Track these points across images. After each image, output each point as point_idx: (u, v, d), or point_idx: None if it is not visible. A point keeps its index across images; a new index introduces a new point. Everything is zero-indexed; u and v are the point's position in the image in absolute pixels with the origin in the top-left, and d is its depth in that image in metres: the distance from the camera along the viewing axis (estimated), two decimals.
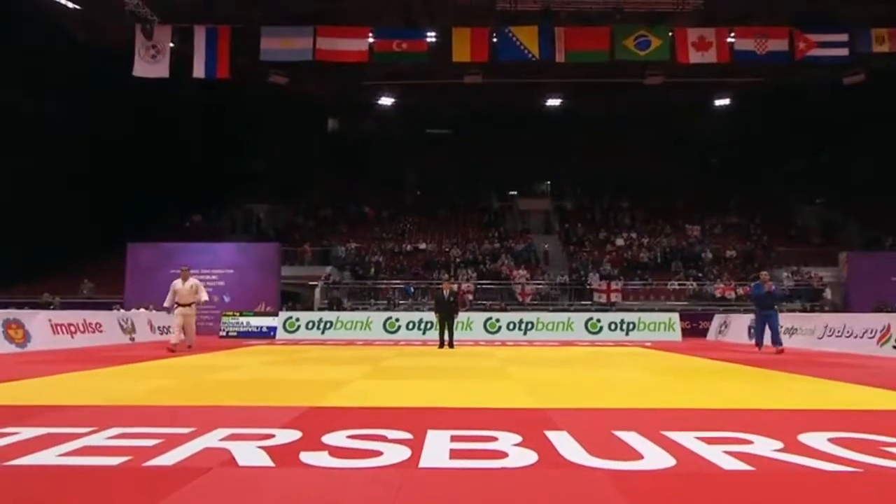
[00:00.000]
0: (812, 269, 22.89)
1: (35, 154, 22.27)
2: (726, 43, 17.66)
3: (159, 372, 7.29)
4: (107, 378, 6.57)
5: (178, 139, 26.89)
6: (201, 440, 3.27)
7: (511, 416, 4.13)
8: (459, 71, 20.85)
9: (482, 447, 3.17)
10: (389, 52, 17.61)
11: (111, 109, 22.86)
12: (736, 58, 17.86)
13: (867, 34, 17.61)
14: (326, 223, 28.53)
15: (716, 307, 20.26)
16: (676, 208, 29.27)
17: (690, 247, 25.26)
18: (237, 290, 19.28)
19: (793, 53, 17.64)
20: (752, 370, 7.85)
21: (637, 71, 21.97)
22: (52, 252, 22.65)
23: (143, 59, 17.19)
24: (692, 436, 3.42)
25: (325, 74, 22.57)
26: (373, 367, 8.08)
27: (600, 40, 17.47)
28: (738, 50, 17.77)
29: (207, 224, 28.31)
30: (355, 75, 23.16)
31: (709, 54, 17.60)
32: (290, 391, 5.59)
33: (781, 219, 28.11)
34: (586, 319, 17.53)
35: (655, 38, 17.62)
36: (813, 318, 13.69)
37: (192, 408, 4.53)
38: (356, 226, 28.22)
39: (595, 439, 3.36)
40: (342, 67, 19.52)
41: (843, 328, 11.92)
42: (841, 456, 3.02)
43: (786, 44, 17.60)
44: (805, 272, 22.60)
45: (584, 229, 27.44)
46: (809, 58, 17.74)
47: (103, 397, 4.96)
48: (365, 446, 3.16)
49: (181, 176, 26.80)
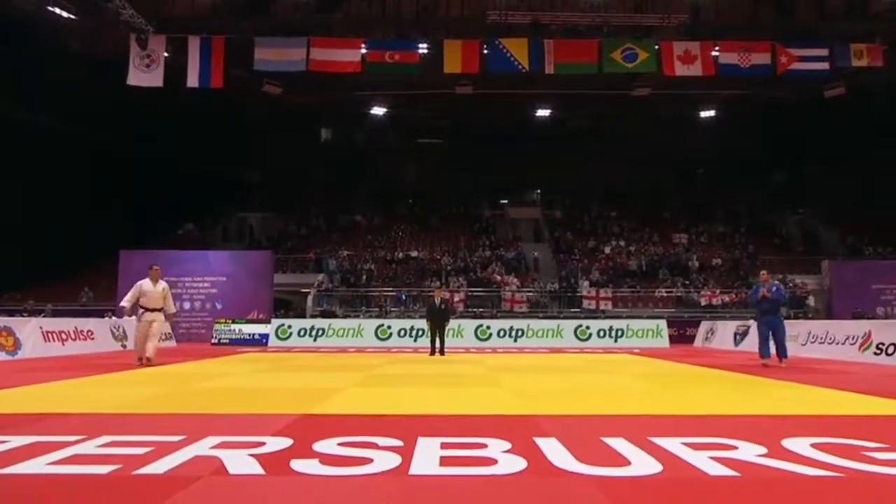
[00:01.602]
0: (796, 276, 23.11)
1: (34, 164, 22.11)
2: (711, 56, 17.92)
3: (150, 379, 7.22)
4: (97, 386, 6.50)
5: (173, 149, 26.79)
6: (192, 448, 3.24)
7: (501, 423, 4.13)
8: (451, 82, 20.98)
9: (472, 454, 3.16)
10: (382, 62, 17.69)
11: (107, 120, 22.77)
12: (720, 71, 18.12)
13: (846, 49, 17.94)
14: (319, 232, 28.48)
15: (702, 314, 20.38)
16: (663, 217, 29.50)
17: (677, 255, 25.44)
18: (229, 297, 19.17)
19: (775, 67, 17.93)
20: (738, 376, 7.89)
21: (625, 83, 22.22)
22: (54, 261, 22.47)
23: (138, 68, 17.16)
24: (679, 441, 3.43)
25: (318, 85, 22.63)
26: (364, 374, 8.03)
27: (589, 53, 17.66)
28: (723, 63, 18.04)
29: (200, 232, 28.19)
30: (348, 86, 23.23)
31: (694, 67, 17.84)
32: (281, 399, 5.56)
33: (766, 228, 28.41)
34: (576, 326, 17.56)
35: (642, 51, 17.84)
36: (797, 324, 13.81)
37: (183, 415, 4.49)
38: (348, 234, 28.18)
39: (583, 446, 3.36)
40: (335, 78, 19.58)
41: (825, 335, 12.03)
42: (824, 461, 3.04)
43: (768, 57, 17.89)
44: (789, 280, 22.82)
45: (573, 237, 27.59)
46: (791, 71, 18.04)
47: (93, 405, 4.90)
48: (356, 454, 3.15)
49: (175, 185, 26.69)
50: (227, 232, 29.23)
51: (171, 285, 10.79)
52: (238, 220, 29.78)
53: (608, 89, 22.86)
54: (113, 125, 23.49)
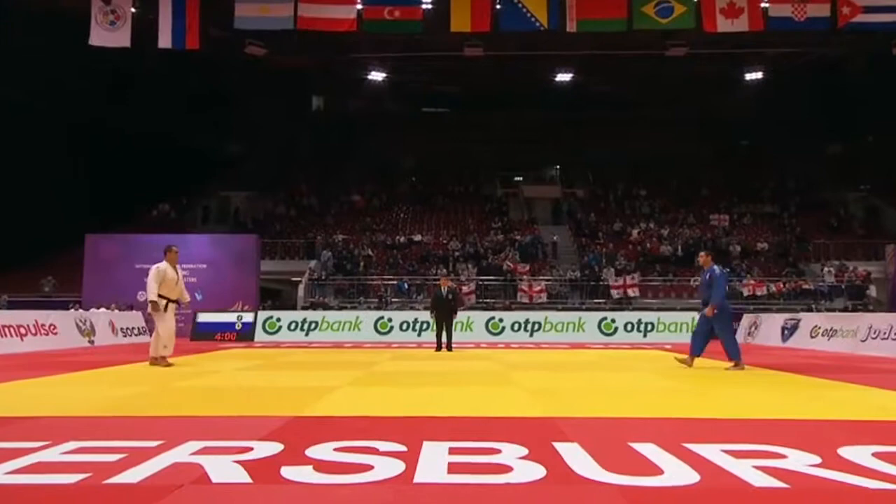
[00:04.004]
0: (855, 263, 22.93)
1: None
2: (760, 8, 17.55)
3: (122, 379, 7.28)
4: (62, 386, 6.56)
5: (145, 121, 26.79)
6: (170, 454, 3.26)
7: (516, 426, 4.15)
8: (458, 43, 20.78)
9: (483, 460, 3.18)
10: (380, 20, 17.52)
11: (71, 89, 22.71)
12: (770, 25, 17.76)
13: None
14: (311, 213, 28.55)
15: (745, 306, 20.31)
16: (701, 196, 29.32)
17: (716, 238, 25.30)
18: (211, 287, 19.28)
19: (835, 19, 17.52)
20: (785, 376, 7.87)
21: (657, 42, 21.90)
22: (11, 246, 22.55)
23: (101, 25, 17.00)
24: (718, 448, 3.43)
25: (308, 46, 22.48)
26: (363, 372, 8.10)
27: (617, 7, 17.40)
28: (773, 17, 17.66)
29: (177, 214, 28.33)
30: (342, 47, 23.09)
31: (739, 22, 17.51)
32: (270, 399, 5.60)
33: (820, 207, 28.15)
34: (600, 319, 17.57)
35: (679, 5, 17.53)
36: (855, 318, 13.73)
37: (161, 418, 4.53)
38: (344, 216, 28.24)
39: (609, 452, 3.36)
40: (327, 38, 19.45)
41: (889, 330, 11.93)
42: (887, 472, 3.02)
43: (828, 8, 17.44)
44: (847, 267, 22.65)
45: (597, 219, 27.50)
46: (854, 24, 17.62)
47: (58, 408, 4.95)
48: (354, 460, 3.17)
49: (147, 161, 26.74)
50: (208, 213, 29.37)
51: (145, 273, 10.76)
52: (219, 200, 29.90)
53: (638, 49, 22.60)
54: (78, 95, 23.47)
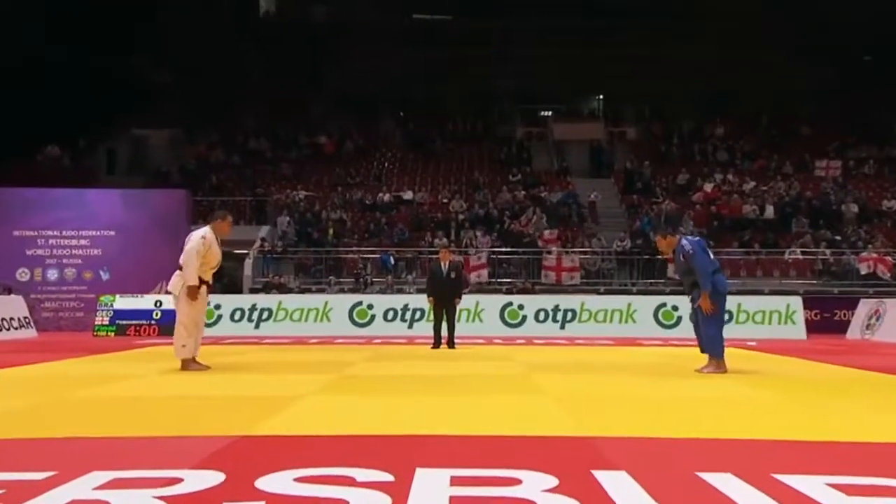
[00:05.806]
0: None
1: None
2: None
3: (2, 387, 7.30)
4: None
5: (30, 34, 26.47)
6: (66, 489, 3.26)
7: (541, 448, 4.16)
8: None
9: (498, 494, 3.18)
10: None
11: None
12: None
13: None
14: (260, 160, 28.41)
15: (862, 289, 20.31)
16: (802, 134, 29.14)
17: (823, 195, 25.19)
18: (122, 262, 19.27)
19: None
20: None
21: None
22: None
23: None
24: (821, 481, 3.44)
25: None
26: (334, 375, 8.18)
27: None
28: None
29: (72, 160, 28.04)
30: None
31: None
32: (207, 413, 5.62)
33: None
34: (657, 306, 17.64)
35: None
36: None
37: (54, 440, 4.52)
38: (306, 165, 28.11)
39: (669, 484, 3.38)
40: None
41: None
42: None
43: None
44: None
45: (653, 169, 27.39)
46: None
47: None
48: (322, 493, 3.17)
49: (31, 87, 26.48)
50: (115, 159, 29.15)
51: (27, 242, 10.18)
52: (132, 142, 29.73)
53: None
54: None
